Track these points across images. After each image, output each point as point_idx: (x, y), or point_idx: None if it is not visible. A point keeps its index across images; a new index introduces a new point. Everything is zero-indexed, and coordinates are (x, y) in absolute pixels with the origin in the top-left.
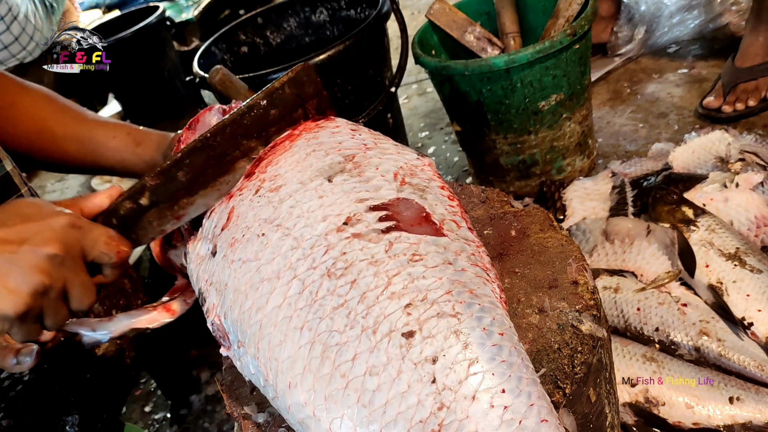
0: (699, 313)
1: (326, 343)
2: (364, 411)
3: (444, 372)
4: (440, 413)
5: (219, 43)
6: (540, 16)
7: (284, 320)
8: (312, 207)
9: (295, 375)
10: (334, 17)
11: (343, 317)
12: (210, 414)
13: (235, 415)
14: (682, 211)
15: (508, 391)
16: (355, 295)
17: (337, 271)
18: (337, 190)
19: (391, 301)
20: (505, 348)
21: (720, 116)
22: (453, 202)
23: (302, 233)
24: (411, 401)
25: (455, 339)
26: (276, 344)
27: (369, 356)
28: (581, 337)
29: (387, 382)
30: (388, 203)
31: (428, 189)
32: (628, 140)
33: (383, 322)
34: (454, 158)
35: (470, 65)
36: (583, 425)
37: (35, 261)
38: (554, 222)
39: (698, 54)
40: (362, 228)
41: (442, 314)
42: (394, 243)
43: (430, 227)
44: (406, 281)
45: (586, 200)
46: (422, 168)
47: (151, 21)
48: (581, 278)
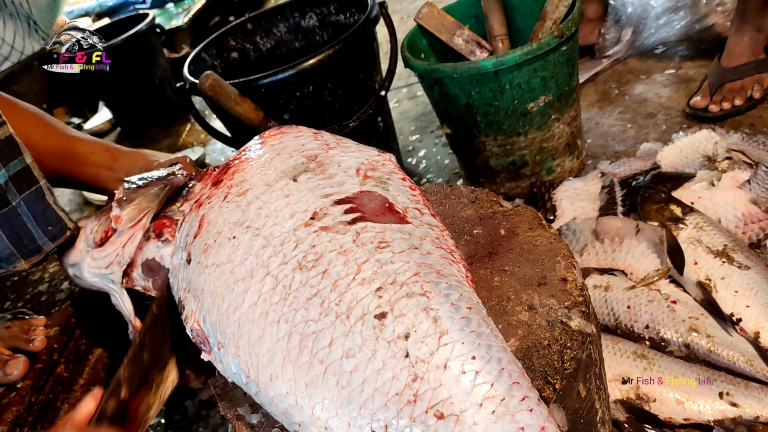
0: (688, 310)
1: (303, 332)
2: (344, 392)
3: (416, 346)
4: (414, 384)
5: (209, 49)
6: (528, 19)
7: (261, 316)
8: (279, 206)
9: (276, 367)
10: (323, 22)
11: (317, 306)
12: (204, 419)
13: (228, 416)
14: (671, 210)
15: (479, 357)
16: (327, 284)
17: (308, 263)
18: (303, 188)
19: (362, 286)
20: (474, 320)
21: (707, 116)
22: (414, 191)
23: (271, 232)
24: (386, 376)
25: (425, 315)
26: (255, 340)
27: (344, 340)
28: (570, 333)
29: (363, 362)
30: (352, 196)
31: (390, 181)
32: (616, 140)
33: (356, 307)
34: (444, 161)
35: (459, 68)
36: (574, 420)
37: None
38: (543, 221)
39: (685, 54)
40: (329, 221)
41: (412, 294)
42: (361, 233)
43: (394, 216)
44: (375, 267)
45: (576, 200)
46: (383, 163)
47: (141, 28)
48: (570, 275)
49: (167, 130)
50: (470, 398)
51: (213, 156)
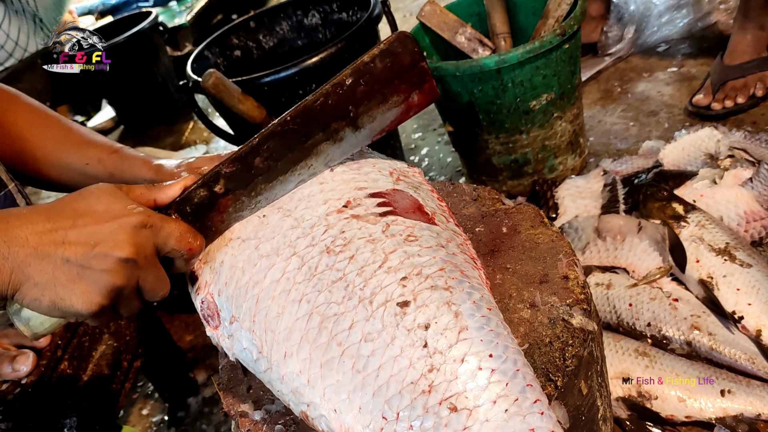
0: (690, 308)
1: (324, 313)
2: (358, 376)
3: (435, 337)
4: (430, 375)
5: (212, 47)
6: (530, 17)
7: (282, 294)
8: (313, 192)
9: (292, 345)
10: (326, 20)
11: (341, 289)
12: (207, 416)
13: (232, 413)
14: (673, 208)
15: (496, 356)
16: (354, 269)
17: (336, 247)
18: (338, 178)
19: (388, 274)
20: (493, 320)
21: (709, 113)
22: (442, 203)
23: (303, 214)
24: (403, 364)
25: (447, 308)
26: (273, 316)
27: (365, 324)
28: (572, 331)
29: (381, 348)
30: (385, 192)
31: (420, 188)
32: (619, 138)
33: (380, 293)
34: (447, 159)
35: (461, 66)
36: (575, 417)
37: (108, 265)
38: (545, 218)
39: (687, 52)
40: (361, 210)
41: (436, 287)
42: (391, 225)
43: (423, 216)
44: (402, 258)
45: (578, 198)
46: (413, 174)
47: (144, 26)
48: (572, 273)
49: (170, 128)
50: (485, 394)
51: (216, 153)
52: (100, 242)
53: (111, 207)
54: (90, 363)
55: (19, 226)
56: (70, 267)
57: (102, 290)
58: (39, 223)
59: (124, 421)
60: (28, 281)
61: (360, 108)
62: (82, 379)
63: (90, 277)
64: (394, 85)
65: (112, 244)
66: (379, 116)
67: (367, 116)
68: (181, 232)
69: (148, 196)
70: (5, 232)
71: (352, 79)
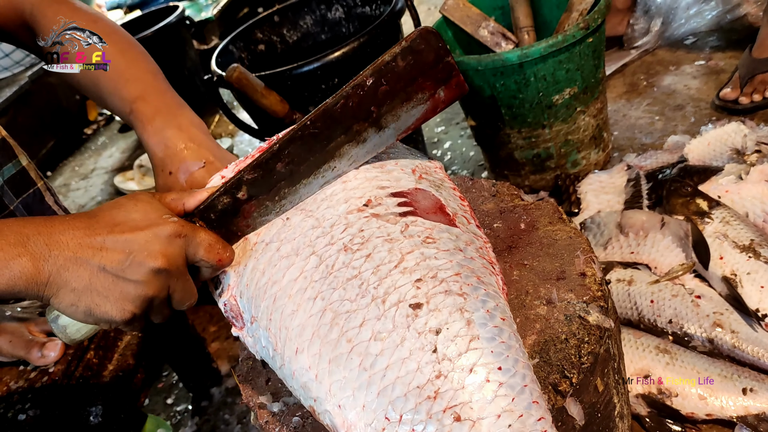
0: (713, 305)
1: (337, 310)
2: (365, 374)
3: (445, 343)
4: (437, 381)
5: (236, 42)
6: (554, 10)
7: (299, 292)
8: (336, 191)
9: (303, 341)
10: (349, 14)
11: (355, 287)
12: (230, 406)
13: (250, 404)
14: (697, 203)
15: (505, 369)
16: (369, 268)
17: (353, 246)
18: (360, 176)
19: (403, 275)
20: (505, 332)
21: (737, 108)
22: (464, 203)
23: (324, 214)
24: (411, 367)
25: (459, 315)
26: (288, 314)
27: (376, 323)
28: (588, 328)
29: (390, 348)
30: (407, 191)
31: (442, 186)
32: (644, 133)
33: (393, 293)
34: (470, 153)
35: (483, 60)
36: (591, 414)
37: (142, 275)
38: (563, 215)
39: (716, 45)
40: (381, 210)
41: (450, 292)
42: (410, 225)
43: (444, 217)
44: (418, 259)
45: (601, 193)
46: (434, 169)
47: (171, 20)
48: (589, 270)
49: None
50: (490, 407)
51: (241, 147)
52: (134, 251)
53: (147, 215)
54: (115, 353)
55: (62, 231)
56: (106, 275)
57: (135, 300)
58: (80, 229)
59: (149, 410)
60: (66, 286)
61: (383, 108)
62: (108, 369)
63: (124, 287)
64: (418, 83)
65: (146, 253)
66: (403, 115)
67: (391, 115)
68: (210, 243)
69: (179, 202)
70: (49, 236)
71: (372, 79)
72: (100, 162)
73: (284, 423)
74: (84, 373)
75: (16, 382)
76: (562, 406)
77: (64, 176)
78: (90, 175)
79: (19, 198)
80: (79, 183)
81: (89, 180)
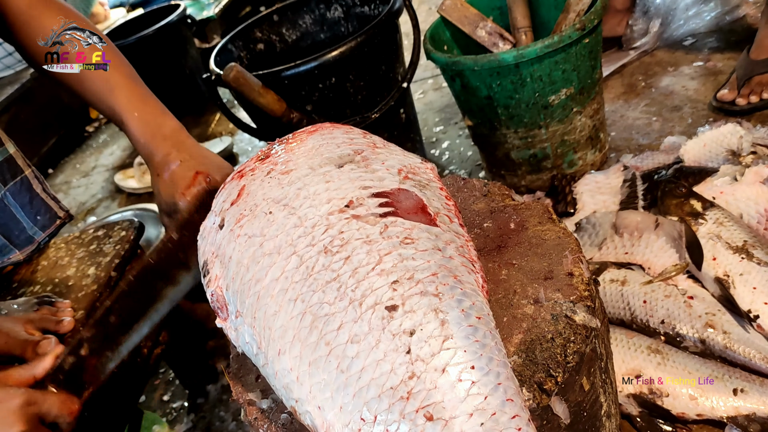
0: (705, 306)
1: (316, 313)
2: (342, 376)
3: (419, 344)
4: (410, 382)
5: (236, 41)
6: (552, 11)
7: (280, 292)
8: (318, 190)
9: (285, 342)
10: (348, 14)
11: (334, 290)
12: (226, 403)
13: (240, 401)
14: (691, 205)
15: (478, 368)
16: (348, 270)
17: (333, 248)
18: (344, 177)
19: (380, 277)
20: (480, 330)
21: (734, 109)
22: (449, 202)
23: (306, 213)
24: (385, 368)
25: (434, 315)
26: (271, 314)
27: (353, 326)
28: (574, 327)
29: (365, 350)
30: (389, 192)
31: (428, 186)
32: (641, 134)
33: (370, 296)
34: (467, 153)
35: (480, 60)
36: (576, 413)
37: None
38: (553, 215)
39: (714, 47)
40: (362, 211)
41: (425, 293)
42: (390, 226)
43: (425, 217)
44: (395, 260)
45: (597, 194)
46: (424, 170)
47: (173, 19)
48: (577, 270)
49: (197, 119)
50: (462, 406)
51: (241, 146)
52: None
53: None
54: None
55: None
56: None
57: None
58: None
59: (145, 407)
60: None
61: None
62: None
63: None
64: None
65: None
66: None
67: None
68: (60, 401)
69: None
70: None
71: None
72: (101, 160)
73: (273, 420)
74: None
75: None
76: (547, 404)
77: (66, 174)
78: (91, 173)
79: (7, 186)
80: (80, 180)
81: (90, 177)
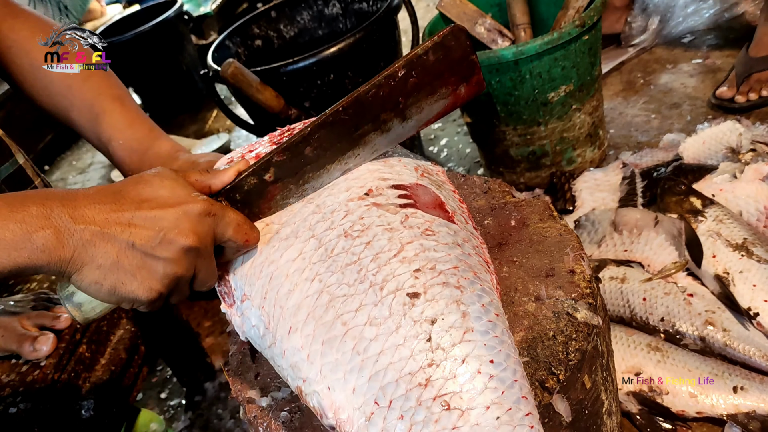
0: (705, 303)
1: (334, 293)
2: (358, 358)
3: (440, 333)
4: (429, 369)
5: (233, 37)
6: (551, 8)
7: (296, 272)
8: (337, 180)
9: (298, 321)
10: (346, 10)
11: (354, 273)
12: (223, 401)
13: (240, 399)
14: (690, 202)
15: (496, 363)
16: (369, 255)
17: (353, 232)
18: (363, 168)
19: (402, 264)
20: (499, 327)
21: (733, 106)
22: (462, 205)
23: (324, 201)
24: (404, 354)
25: (455, 307)
26: (284, 293)
27: (372, 309)
28: (576, 325)
29: (385, 334)
30: (408, 185)
31: (443, 187)
32: (640, 131)
33: (391, 281)
34: (466, 150)
35: (479, 57)
36: (578, 411)
37: (172, 253)
38: (554, 212)
39: (713, 44)
40: (382, 200)
41: (447, 284)
42: (410, 217)
43: (443, 213)
44: (417, 250)
45: (596, 191)
46: (437, 172)
47: (170, 15)
48: (578, 267)
49: (194, 116)
50: (480, 398)
51: (238, 142)
52: (165, 228)
53: (175, 192)
54: (108, 347)
55: (86, 205)
56: (135, 252)
57: (163, 278)
58: (106, 204)
59: (142, 405)
60: (91, 263)
61: (409, 99)
62: (100, 363)
63: (152, 265)
64: (444, 78)
65: (177, 231)
66: (426, 108)
67: (416, 107)
68: (239, 223)
69: (204, 182)
70: (73, 209)
71: (404, 71)
72: (98, 156)
73: (273, 417)
74: (76, 366)
75: (8, 376)
76: (549, 402)
77: (62, 170)
78: (87, 170)
79: None
80: (76, 177)
81: (86, 174)
